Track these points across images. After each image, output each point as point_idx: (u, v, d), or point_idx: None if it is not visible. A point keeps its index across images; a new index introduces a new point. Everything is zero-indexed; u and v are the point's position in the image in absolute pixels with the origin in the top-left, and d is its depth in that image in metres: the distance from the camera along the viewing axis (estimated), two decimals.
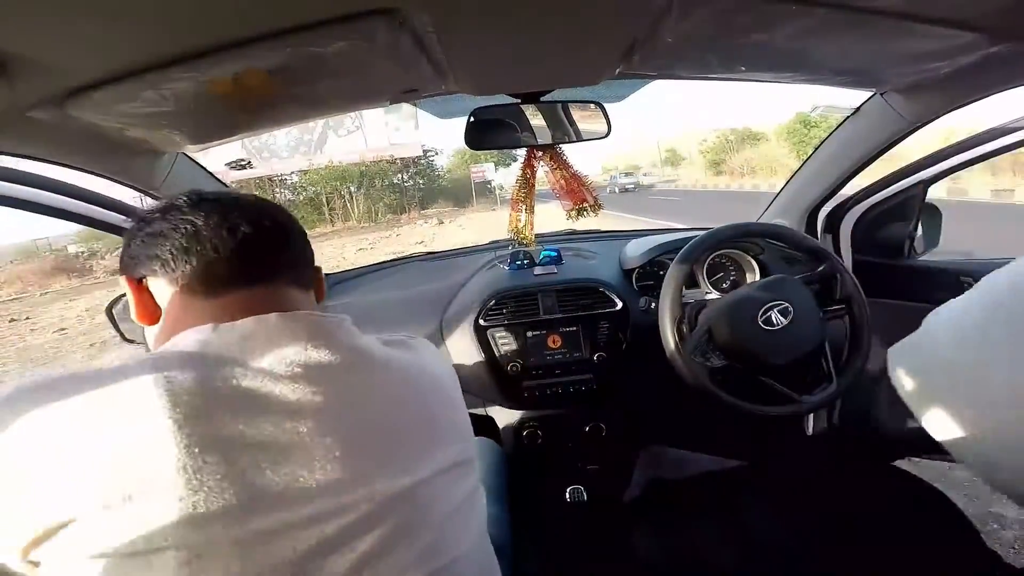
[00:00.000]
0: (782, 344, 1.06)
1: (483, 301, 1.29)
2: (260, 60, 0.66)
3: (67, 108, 0.72)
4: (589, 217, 1.25)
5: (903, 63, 0.89)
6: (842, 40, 0.78)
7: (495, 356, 1.26)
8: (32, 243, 26.29)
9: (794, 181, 1.48)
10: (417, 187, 25.15)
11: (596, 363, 1.26)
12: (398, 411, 0.50)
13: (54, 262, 18.82)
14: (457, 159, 27.35)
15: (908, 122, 1.09)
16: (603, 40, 0.76)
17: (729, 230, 1.19)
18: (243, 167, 17.06)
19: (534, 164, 1.20)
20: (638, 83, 1.37)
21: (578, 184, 1.21)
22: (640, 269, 1.38)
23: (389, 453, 0.47)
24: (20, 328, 9.22)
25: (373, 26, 0.60)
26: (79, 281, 15.93)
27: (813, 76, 0.98)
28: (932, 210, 1.39)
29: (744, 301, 1.09)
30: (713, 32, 0.73)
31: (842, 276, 1.13)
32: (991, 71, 0.86)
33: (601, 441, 1.33)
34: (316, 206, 22.62)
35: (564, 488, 1.34)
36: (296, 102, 0.90)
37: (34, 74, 0.61)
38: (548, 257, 1.47)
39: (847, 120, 1.25)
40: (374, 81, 0.85)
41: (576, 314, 1.27)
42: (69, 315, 9.83)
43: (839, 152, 1.31)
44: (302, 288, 0.57)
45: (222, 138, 1.04)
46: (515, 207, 1.26)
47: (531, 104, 1.07)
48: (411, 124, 17.96)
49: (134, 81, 0.66)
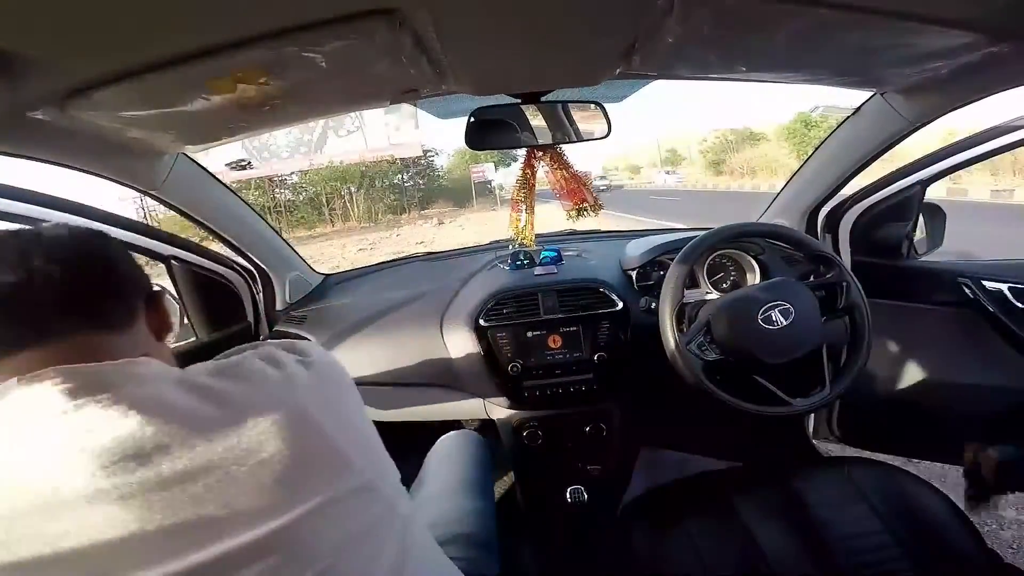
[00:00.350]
0: (780, 344, 1.06)
1: (483, 301, 1.29)
2: (260, 60, 0.66)
3: (67, 108, 0.72)
4: (589, 217, 1.25)
5: (903, 63, 0.89)
6: (842, 40, 0.78)
7: (495, 356, 1.25)
8: None
9: (794, 181, 1.48)
10: (417, 187, 25.14)
11: (596, 363, 1.25)
12: (225, 485, 0.41)
13: None
14: (457, 159, 27.32)
15: (908, 122, 1.09)
16: (603, 40, 0.76)
17: (732, 230, 1.19)
18: (243, 167, 17.07)
19: (534, 164, 1.20)
20: (638, 83, 1.37)
21: (578, 184, 1.21)
22: (640, 269, 1.38)
23: (215, 523, 0.40)
24: None
25: (373, 26, 0.60)
26: None
27: (813, 76, 0.98)
28: (935, 210, 1.39)
29: (746, 298, 1.10)
30: (714, 32, 0.73)
31: (848, 285, 1.14)
32: (991, 71, 0.86)
33: (601, 441, 1.33)
34: (316, 206, 22.61)
35: (564, 488, 1.34)
36: (296, 102, 0.90)
37: (35, 74, 0.61)
38: (548, 257, 1.47)
39: (847, 120, 1.25)
40: (374, 81, 0.85)
41: (576, 314, 1.27)
42: None
43: (839, 152, 1.31)
44: (113, 330, 0.49)
45: (222, 138, 1.04)
46: (515, 207, 1.26)
47: (531, 104, 1.07)
48: (411, 124, 17.95)
49: (134, 81, 0.66)
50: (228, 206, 1.33)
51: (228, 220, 1.32)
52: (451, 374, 1.31)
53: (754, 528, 0.99)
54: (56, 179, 1.10)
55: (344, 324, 1.43)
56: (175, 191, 1.14)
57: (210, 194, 1.27)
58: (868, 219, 1.39)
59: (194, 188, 1.21)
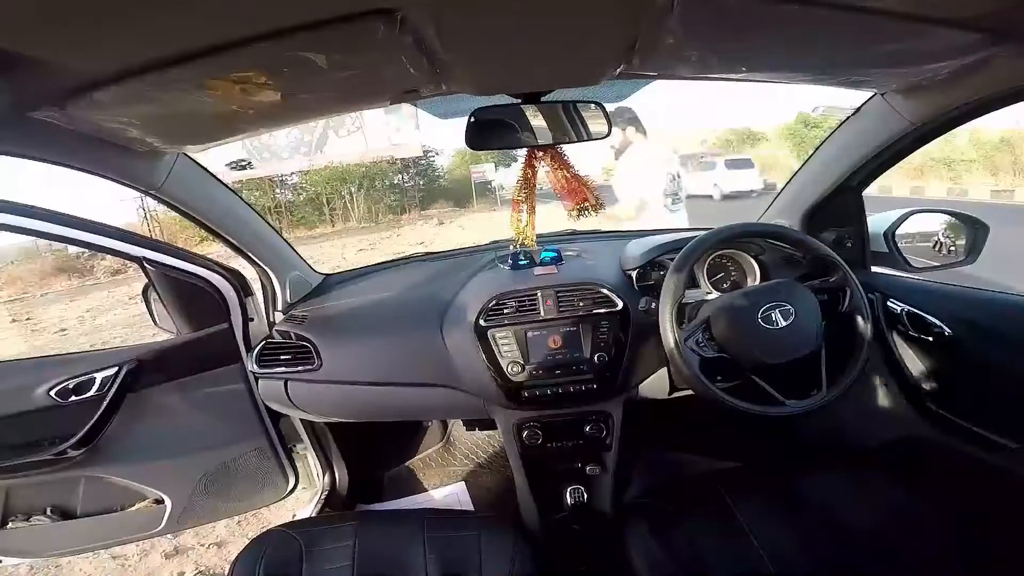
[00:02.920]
0: (779, 344, 1.06)
1: (483, 301, 1.29)
2: (260, 60, 0.66)
3: (68, 108, 0.72)
4: (590, 216, 1.25)
5: (904, 63, 0.89)
6: (842, 40, 0.78)
7: (495, 357, 1.25)
8: (32, 244, 26.28)
9: (794, 181, 1.48)
10: (417, 187, 25.12)
11: (597, 364, 1.25)
12: None
13: (54, 263, 18.81)
14: (457, 159, 27.29)
15: (909, 123, 1.09)
16: (604, 40, 0.76)
17: (734, 229, 1.19)
18: (243, 167, 17.05)
19: (535, 164, 1.20)
20: (639, 83, 1.37)
21: (579, 184, 1.21)
22: (640, 269, 1.38)
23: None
24: (21, 329, 9.22)
25: (373, 26, 0.60)
26: (79, 282, 15.89)
27: (814, 76, 0.98)
28: (977, 223, 1.33)
29: (747, 297, 1.10)
30: (714, 32, 0.73)
31: (851, 289, 1.14)
32: (992, 71, 0.86)
33: (601, 442, 1.33)
34: (316, 206, 22.59)
35: (564, 488, 1.34)
36: (296, 102, 0.90)
37: (35, 75, 0.61)
38: (548, 257, 1.47)
39: (847, 120, 1.25)
40: (374, 81, 0.85)
41: (576, 314, 1.27)
42: (70, 316, 9.82)
43: (839, 152, 1.30)
44: None
45: (223, 138, 1.04)
46: (516, 207, 1.26)
47: (531, 104, 1.07)
48: (411, 124, 17.92)
49: (135, 81, 0.66)
50: (229, 206, 1.33)
51: (228, 220, 1.32)
52: (451, 374, 1.31)
53: (753, 528, 0.99)
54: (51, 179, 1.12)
55: (344, 324, 1.43)
56: (175, 191, 1.14)
57: (210, 194, 1.27)
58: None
59: (194, 188, 1.21)
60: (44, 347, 7.48)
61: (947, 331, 1.12)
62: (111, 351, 1.37)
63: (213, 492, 1.48)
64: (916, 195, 13.58)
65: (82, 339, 7.69)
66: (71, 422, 1.25)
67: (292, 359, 1.37)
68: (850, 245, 1.37)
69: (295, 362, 1.37)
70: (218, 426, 1.46)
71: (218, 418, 1.46)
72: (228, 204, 1.33)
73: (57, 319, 9.58)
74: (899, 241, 1.37)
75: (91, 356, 1.35)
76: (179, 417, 1.41)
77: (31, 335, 8.53)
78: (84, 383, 1.27)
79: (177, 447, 1.43)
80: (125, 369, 1.29)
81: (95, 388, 1.27)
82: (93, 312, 9.55)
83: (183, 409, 1.41)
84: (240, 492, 1.53)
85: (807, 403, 1.09)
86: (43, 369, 1.30)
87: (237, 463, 1.49)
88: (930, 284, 1.25)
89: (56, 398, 1.25)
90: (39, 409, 1.25)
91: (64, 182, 7.13)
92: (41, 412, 1.25)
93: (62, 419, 1.25)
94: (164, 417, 1.39)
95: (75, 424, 1.25)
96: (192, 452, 1.44)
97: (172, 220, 11.53)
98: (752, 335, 1.06)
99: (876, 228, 1.39)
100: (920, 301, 1.20)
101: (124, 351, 1.35)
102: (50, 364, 1.34)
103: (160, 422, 1.39)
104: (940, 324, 1.13)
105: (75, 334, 8.16)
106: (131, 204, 13.97)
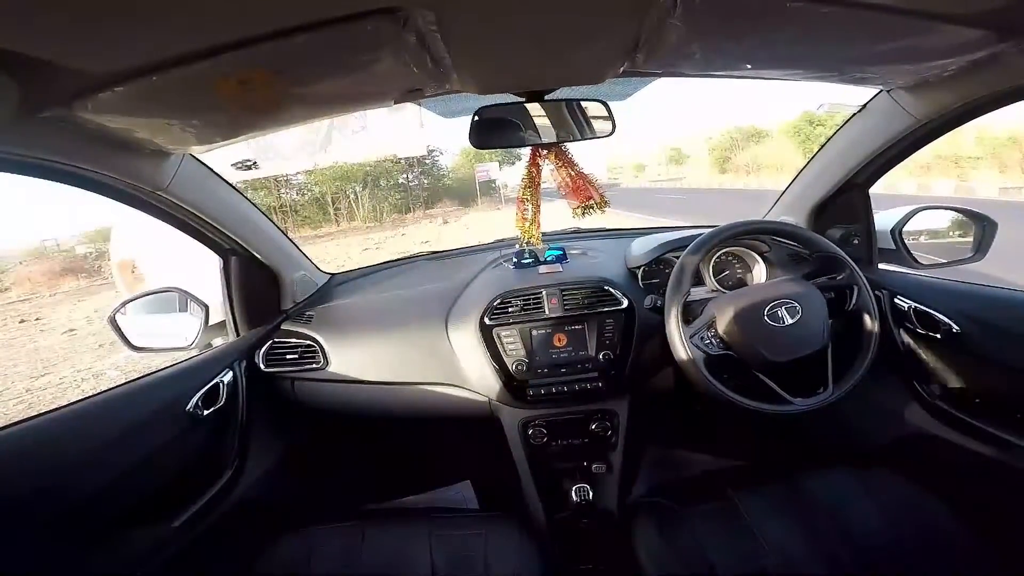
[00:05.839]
0: (785, 342, 1.06)
1: (488, 300, 1.29)
2: (265, 60, 0.66)
3: (74, 109, 0.72)
4: (595, 215, 1.25)
5: (910, 60, 0.88)
6: (848, 37, 0.77)
7: (500, 355, 1.26)
8: (40, 244, 26.50)
9: (800, 178, 1.47)
10: (422, 187, 25.21)
11: (602, 362, 1.25)
12: None
13: (63, 263, 18.96)
14: (462, 158, 27.32)
15: (915, 119, 1.08)
16: (608, 38, 0.76)
17: (740, 226, 1.19)
18: (249, 167, 17.11)
19: (539, 163, 1.20)
20: (643, 81, 1.36)
21: (583, 182, 1.21)
22: (645, 267, 1.37)
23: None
24: (30, 329, 9.30)
25: (377, 26, 0.60)
26: (88, 282, 16.04)
27: (819, 74, 0.97)
28: (985, 220, 1.33)
29: (754, 294, 1.09)
30: (718, 30, 0.73)
31: (859, 287, 1.13)
32: (998, 68, 0.85)
33: (607, 440, 1.33)
34: (322, 206, 22.69)
35: (570, 487, 1.34)
36: (301, 102, 0.91)
37: (42, 76, 0.61)
38: (553, 256, 1.47)
39: (853, 117, 1.24)
40: (378, 81, 0.85)
41: (581, 313, 1.27)
42: (78, 315, 9.91)
43: (845, 149, 1.30)
44: None
45: (228, 138, 1.05)
46: (521, 206, 1.26)
47: (536, 103, 1.07)
48: (416, 124, 17.95)
49: (140, 82, 0.66)
50: (234, 206, 1.34)
51: (235, 220, 1.32)
52: (456, 373, 1.31)
53: (759, 527, 0.99)
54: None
55: (350, 323, 1.44)
56: (182, 191, 1.14)
57: (217, 194, 1.28)
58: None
59: (201, 188, 1.21)
60: (53, 347, 7.55)
61: (955, 328, 1.11)
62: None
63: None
64: (923, 192, 13.49)
65: (90, 338, 7.75)
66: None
67: (299, 358, 1.38)
68: (857, 242, 1.36)
69: (302, 361, 1.38)
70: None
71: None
72: (234, 204, 1.33)
73: (65, 319, 9.66)
74: (906, 238, 1.36)
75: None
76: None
77: (39, 335, 8.61)
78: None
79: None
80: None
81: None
82: (101, 312, 9.62)
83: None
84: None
85: (814, 401, 1.08)
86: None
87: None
88: (938, 281, 1.24)
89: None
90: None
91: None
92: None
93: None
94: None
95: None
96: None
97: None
98: (758, 333, 1.06)
99: (883, 225, 1.37)
100: (928, 298, 1.19)
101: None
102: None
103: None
104: (948, 321, 1.12)
105: (84, 334, 8.24)
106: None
